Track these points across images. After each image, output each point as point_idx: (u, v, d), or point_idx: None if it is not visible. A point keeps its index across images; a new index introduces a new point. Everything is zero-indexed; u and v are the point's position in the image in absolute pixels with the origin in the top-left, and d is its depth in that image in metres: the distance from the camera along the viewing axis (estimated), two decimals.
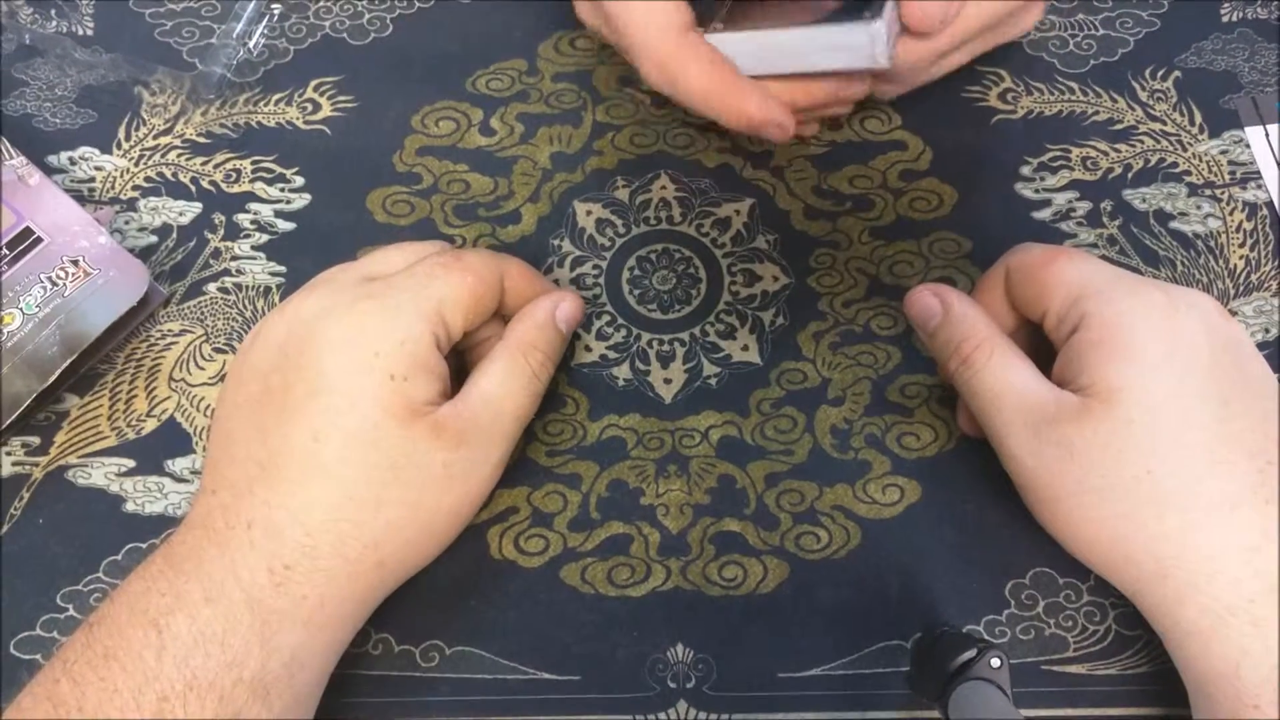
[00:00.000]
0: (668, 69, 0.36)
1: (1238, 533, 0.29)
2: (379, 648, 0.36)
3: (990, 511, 0.37)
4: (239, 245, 0.42)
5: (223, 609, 0.29)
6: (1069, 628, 0.35)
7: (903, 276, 0.41)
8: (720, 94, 0.35)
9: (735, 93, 0.35)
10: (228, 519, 0.30)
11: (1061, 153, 0.43)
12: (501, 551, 0.37)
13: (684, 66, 0.35)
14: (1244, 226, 0.41)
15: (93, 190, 0.43)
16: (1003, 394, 0.32)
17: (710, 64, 0.35)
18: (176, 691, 0.27)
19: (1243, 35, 0.45)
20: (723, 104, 0.35)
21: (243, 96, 0.44)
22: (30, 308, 0.38)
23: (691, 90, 0.36)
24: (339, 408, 0.31)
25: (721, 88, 0.35)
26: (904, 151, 0.43)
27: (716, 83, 0.35)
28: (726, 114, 0.36)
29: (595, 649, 0.35)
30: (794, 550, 0.37)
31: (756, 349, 0.40)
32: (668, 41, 0.35)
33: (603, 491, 0.38)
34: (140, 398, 0.39)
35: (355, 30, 0.46)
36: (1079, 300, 0.32)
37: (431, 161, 0.43)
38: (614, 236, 0.42)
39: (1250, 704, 0.28)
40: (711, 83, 0.35)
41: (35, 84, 0.44)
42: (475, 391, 0.34)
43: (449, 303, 0.33)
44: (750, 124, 0.36)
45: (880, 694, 0.35)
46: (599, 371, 0.40)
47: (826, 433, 0.38)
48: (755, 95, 0.36)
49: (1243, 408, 0.30)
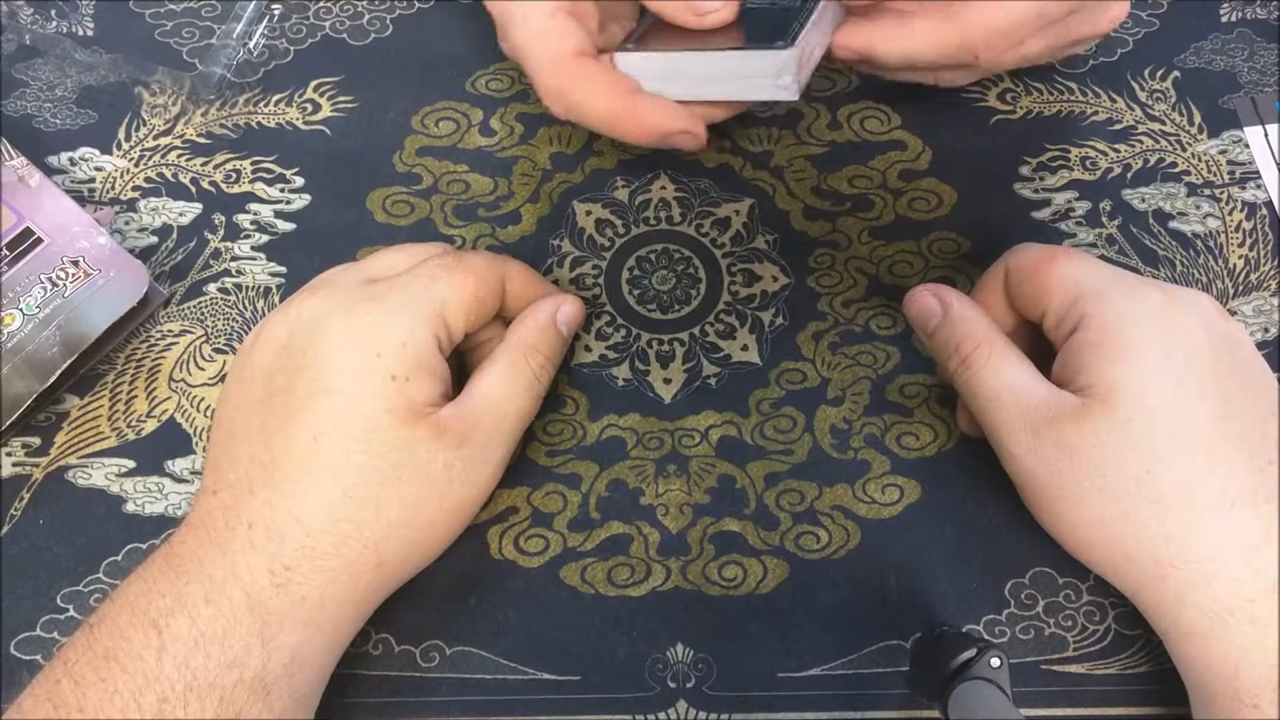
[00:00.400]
0: (565, 97, 0.35)
1: (1237, 532, 0.29)
2: (379, 648, 0.36)
3: (990, 511, 0.37)
4: (239, 246, 0.42)
5: (223, 609, 0.29)
6: (1069, 627, 0.35)
7: (902, 276, 0.41)
8: (621, 112, 0.34)
9: (636, 109, 0.34)
10: (228, 519, 0.30)
11: (1061, 153, 0.43)
12: (501, 551, 0.37)
13: (580, 92, 0.34)
14: (1243, 226, 0.41)
15: (93, 191, 0.43)
16: (1002, 394, 0.32)
17: (607, 86, 0.34)
18: (177, 692, 0.27)
19: (1242, 35, 0.45)
20: (626, 122, 0.34)
21: (243, 97, 0.44)
22: (30, 308, 0.38)
23: (592, 113, 0.35)
24: (341, 408, 0.31)
25: (621, 106, 0.34)
26: (903, 151, 0.43)
27: (615, 102, 0.34)
28: (631, 131, 0.35)
29: (595, 649, 0.35)
30: (794, 550, 0.37)
31: (756, 349, 0.40)
32: (561, 69, 0.34)
33: (602, 491, 0.38)
34: (140, 398, 0.39)
35: (355, 30, 0.46)
36: (1078, 300, 0.32)
37: (431, 162, 0.43)
38: (613, 237, 0.42)
39: (1250, 703, 0.28)
40: (610, 103, 0.34)
41: (35, 84, 0.44)
42: (476, 393, 0.34)
43: (451, 304, 0.33)
44: (656, 137, 0.35)
45: (880, 694, 0.35)
46: (599, 371, 0.40)
47: (826, 432, 0.38)
48: (657, 108, 0.34)
49: (1242, 407, 0.30)
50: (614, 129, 0.35)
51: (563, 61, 0.34)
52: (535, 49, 0.35)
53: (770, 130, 0.43)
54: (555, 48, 0.34)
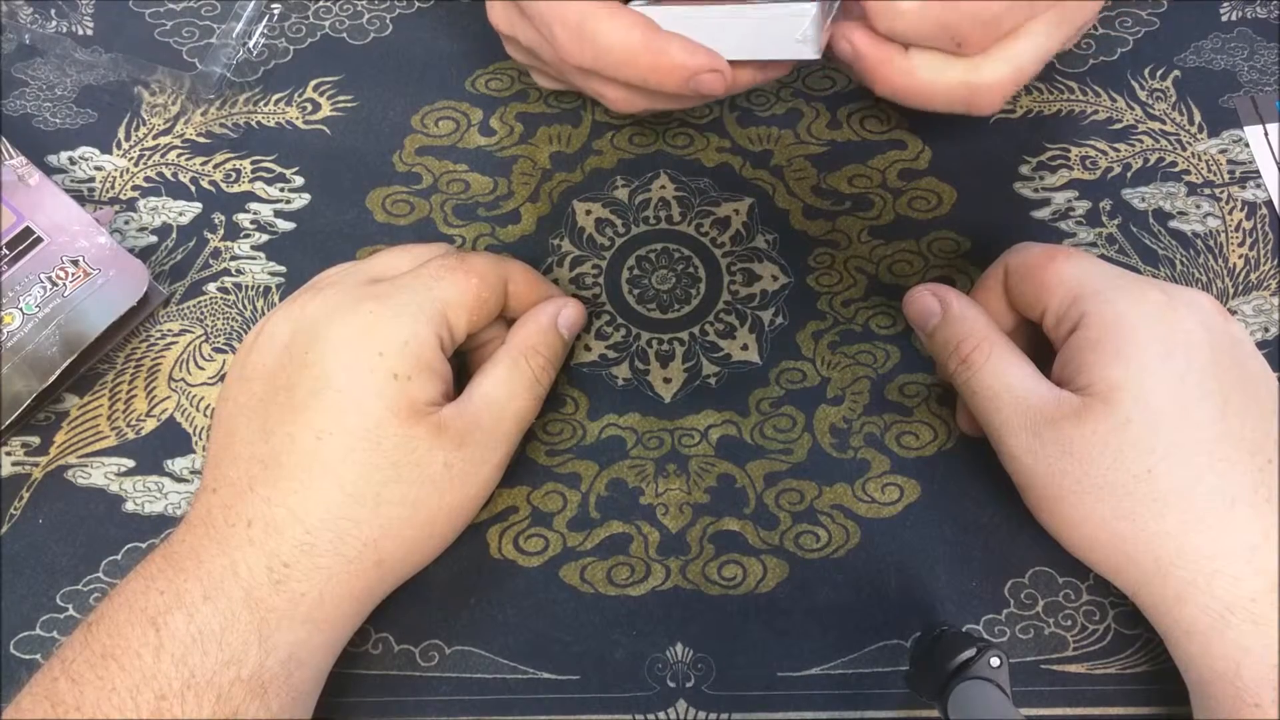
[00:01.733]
0: (584, 30, 0.33)
1: (1238, 531, 0.29)
2: (379, 647, 0.36)
3: (990, 511, 0.37)
4: (239, 245, 0.42)
5: (221, 607, 0.29)
6: (1068, 627, 0.35)
7: (902, 276, 0.41)
8: (642, 49, 0.32)
9: (659, 46, 0.33)
10: (228, 517, 0.30)
11: (1060, 152, 0.43)
12: (501, 551, 0.37)
13: (600, 24, 0.33)
14: (1243, 226, 0.41)
15: (93, 190, 0.43)
16: (1002, 394, 0.32)
17: (629, 21, 0.33)
18: (174, 690, 0.27)
19: (1242, 35, 0.45)
20: (647, 60, 0.33)
21: (243, 96, 0.44)
22: (30, 308, 0.38)
23: (612, 49, 0.33)
24: (342, 406, 0.31)
25: (643, 44, 0.32)
26: (903, 151, 0.43)
27: (637, 37, 0.32)
28: (652, 69, 0.33)
29: (595, 648, 0.35)
30: (793, 549, 0.37)
31: (756, 348, 0.40)
32: (582, 2, 0.33)
33: (602, 491, 0.38)
34: (140, 398, 0.39)
35: (355, 30, 0.46)
36: (1078, 300, 0.32)
37: (431, 161, 0.43)
38: (613, 236, 0.42)
39: (1251, 703, 0.28)
40: (632, 39, 0.32)
41: (35, 84, 0.44)
42: (477, 393, 0.34)
43: (453, 305, 0.33)
44: (681, 76, 0.33)
45: (879, 693, 0.35)
46: (598, 371, 0.40)
47: (826, 432, 0.38)
48: (681, 44, 0.33)
49: (1242, 406, 0.30)
50: (634, 67, 0.33)
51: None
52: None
53: (770, 130, 0.43)
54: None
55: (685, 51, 0.33)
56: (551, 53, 0.35)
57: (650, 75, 0.33)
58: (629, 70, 0.33)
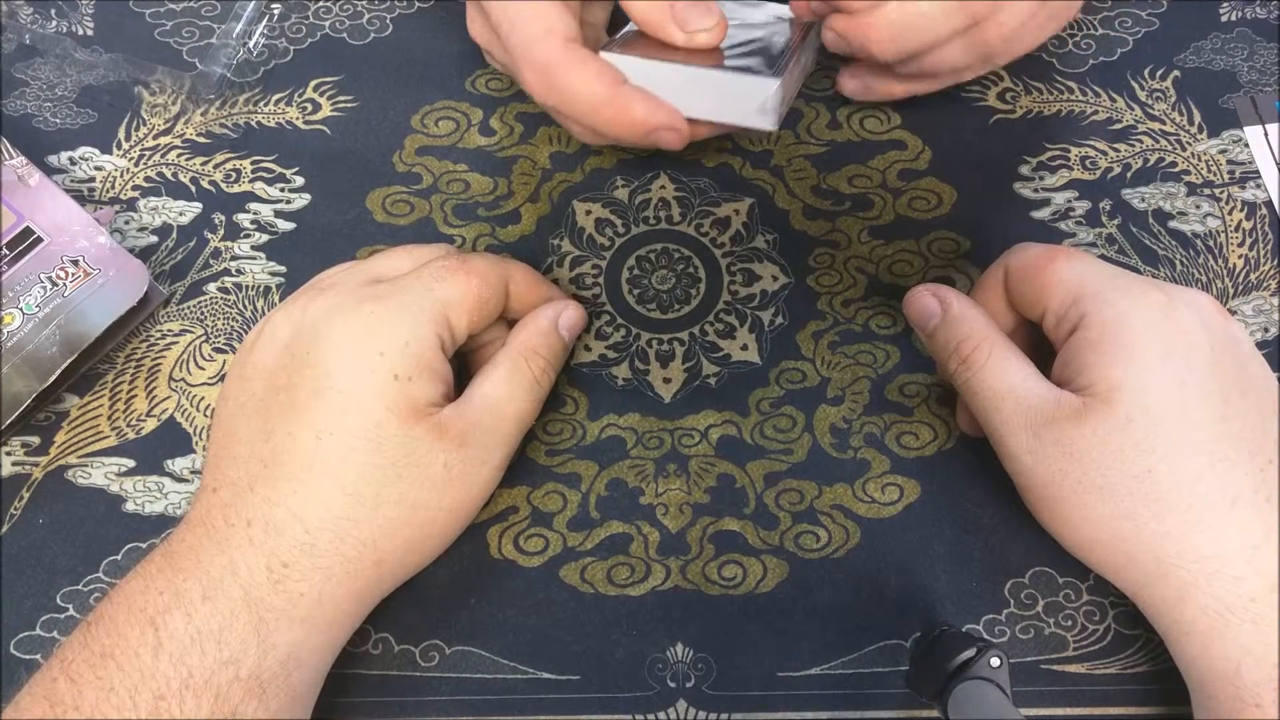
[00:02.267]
0: (550, 75, 0.34)
1: (1238, 531, 0.29)
2: (379, 648, 0.36)
3: (990, 511, 0.37)
4: (239, 245, 0.42)
5: (220, 606, 0.29)
6: (1068, 627, 0.35)
7: (902, 276, 0.41)
8: (605, 100, 0.34)
9: (623, 102, 0.34)
10: (228, 517, 0.30)
11: (1060, 152, 0.43)
12: (501, 551, 0.37)
13: (567, 73, 0.34)
14: (1243, 226, 0.41)
15: (93, 190, 0.43)
16: (1002, 394, 0.32)
17: (595, 71, 0.34)
18: (173, 689, 0.27)
19: (1241, 35, 0.45)
20: (609, 114, 0.34)
21: (243, 96, 0.44)
22: (30, 308, 0.38)
23: (576, 97, 0.34)
24: (343, 406, 0.31)
25: (607, 98, 0.34)
26: (903, 151, 0.43)
27: (601, 90, 0.33)
28: (614, 122, 0.34)
29: (595, 648, 0.35)
30: (793, 549, 0.37)
31: (756, 348, 0.40)
32: (551, 47, 0.34)
33: (602, 491, 0.38)
34: (140, 398, 0.39)
35: (355, 30, 0.46)
36: (1078, 300, 0.32)
37: (431, 161, 0.43)
38: (613, 236, 0.42)
39: (1251, 703, 0.28)
40: (597, 89, 0.33)
41: (35, 84, 0.44)
42: (478, 394, 0.34)
43: (454, 306, 0.33)
44: (641, 131, 0.34)
45: (879, 693, 0.35)
46: (598, 371, 0.40)
47: (826, 432, 0.38)
48: (643, 100, 0.34)
49: (1242, 406, 0.30)
50: (596, 116, 0.34)
51: (553, 40, 0.34)
52: (524, 23, 0.34)
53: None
54: (549, 24, 0.34)
55: (646, 109, 0.34)
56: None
57: (611, 126, 0.34)
58: (592, 118, 0.35)
